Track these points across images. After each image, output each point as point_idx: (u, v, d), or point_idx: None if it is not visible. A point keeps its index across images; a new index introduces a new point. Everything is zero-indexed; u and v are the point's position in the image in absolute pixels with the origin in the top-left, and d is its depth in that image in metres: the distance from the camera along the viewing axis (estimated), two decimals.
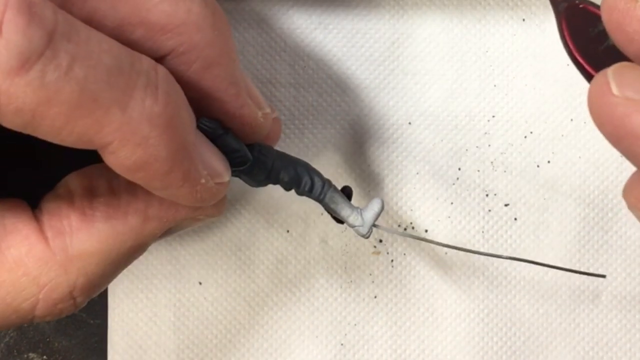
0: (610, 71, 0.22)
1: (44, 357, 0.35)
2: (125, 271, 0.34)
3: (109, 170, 0.22)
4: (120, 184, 0.26)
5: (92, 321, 0.35)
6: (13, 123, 0.20)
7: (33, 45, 0.19)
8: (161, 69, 0.22)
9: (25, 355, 0.35)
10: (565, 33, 0.25)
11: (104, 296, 0.34)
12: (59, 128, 0.20)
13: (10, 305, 0.23)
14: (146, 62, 0.22)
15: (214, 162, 0.25)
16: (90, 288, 0.25)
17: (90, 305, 0.35)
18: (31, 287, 0.23)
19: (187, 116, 0.23)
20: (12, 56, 0.19)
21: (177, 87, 0.23)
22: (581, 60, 0.25)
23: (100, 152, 0.22)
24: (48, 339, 0.35)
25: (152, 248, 0.34)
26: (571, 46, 0.25)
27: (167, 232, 0.27)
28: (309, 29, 0.35)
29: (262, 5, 0.34)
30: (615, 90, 0.22)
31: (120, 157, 0.21)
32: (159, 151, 0.22)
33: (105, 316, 0.34)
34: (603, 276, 0.32)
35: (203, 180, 0.24)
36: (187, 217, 0.27)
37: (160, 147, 0.22)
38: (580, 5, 0.25)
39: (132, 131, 0.21)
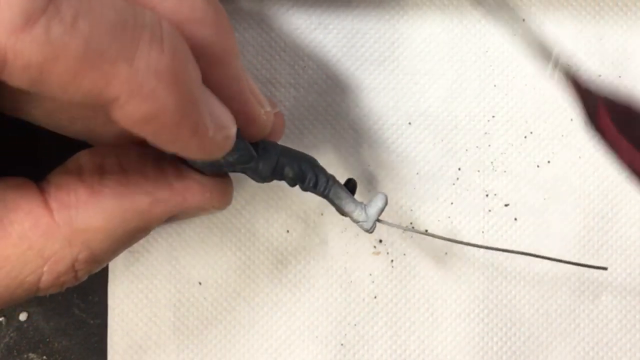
0: None
1: (44, 357, 0.35)
2: (125, 271, 0.34)
3: (120, 150, 0.22)
4: (131, 165, 0.26)
5: (92, 321, 0.35)
6: (21, 80, 0.20)
7: (36, 2, 0.19)
8: (165, 22, 0.22)
9: (25, 356, 0.35)
10: (604, 121, 0.24)
11: (104, 296, 0.34)
12: (67, 83, 0.20)
13: (16, 279, 0.24)
14: (150, 15, 0.22)
15: (221, 114, 0.25)
16: (91, 263, 0.25)
17: (90, 305, 0.35)
18: (36, 260, 0.24)
19: (193, 69, 0.23)
20: (16, 13, 0.19)
21: (182, 40, 0.23)
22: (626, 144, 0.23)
23: (108, 110, 0.22)
24: (48, 339, 0.35)
25: (153, 248, 0.34)
26: (614, 132, 0.24)
27: (172, 218, 0.27)
28: (309, 29, 0.35)
29: (262, 5, 0.34)
30: None
31: (128, 111, 0.21)
32: (166, 103, 0.22)
33: (105, 316, 0.34)
34: (605, 268, 0.32)
35: (211, 133, 0.24)
36: (195, 204, 0.27)
37: (167, 99, 0.22)
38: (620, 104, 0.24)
39: (139, 84, 0.21)
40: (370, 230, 0.30)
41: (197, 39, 0.24)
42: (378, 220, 0.30)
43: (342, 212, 0.30)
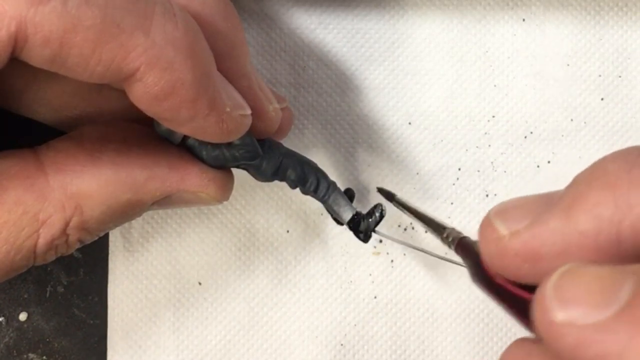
0: (549, 289, 0.17)
1: (44, 357, 0.35)
2: (125, 271, 0.34)
3: (125, 125, 0.22)
4: (134, 140, 0.26)
5: (92, 321, 0.35)
6: (43, 57, 0.20)
7: None
8: (174, 1, 0.23)
9: (25, 356, 0.35)
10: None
11: (103, 296, 0.34)
12: (87, 56, 0.21)
13: (14, 245, 0.24)
14: None
15: (236, 96, 0.25)
16: (82, 230, 0.25)
17: (90, 305, 0.35)
18: (32, 224, 0.24)
19: (207, 47, 0.24)
20: None
21: (193, 20, 0.23)
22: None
23: (127, 86, 0.22)
24: (48, 339, 0.35)
25: (153, 248, 0.34)
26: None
27: (167, 201, 0.27)
28: (309, 29, 0.35)
29: (261, 5, 0.34)
30: (560, 316, 0.16)
31: (148, 84, 0.22)
32: (184, 75, 0.22)
33: (105, 316, 0.34)
34: None
35: (228, 109, 0.24)
36: (192, 188, 0.27)
37: (185, 72, 0.22)
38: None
39: (157, 55, 0.21)
40: (365, 241, 0.30)
41: (207, 34, 0.24)
42: (374, 231, 0.30)
43: (339, 220, 0.30)
